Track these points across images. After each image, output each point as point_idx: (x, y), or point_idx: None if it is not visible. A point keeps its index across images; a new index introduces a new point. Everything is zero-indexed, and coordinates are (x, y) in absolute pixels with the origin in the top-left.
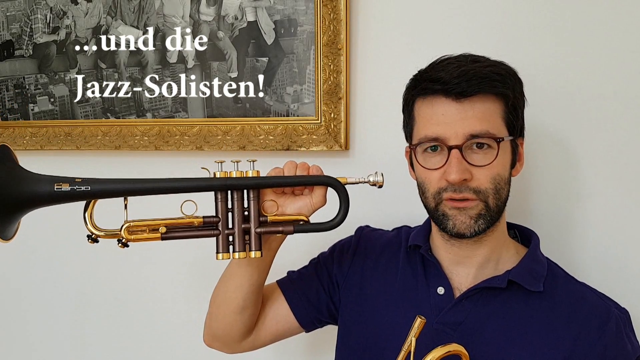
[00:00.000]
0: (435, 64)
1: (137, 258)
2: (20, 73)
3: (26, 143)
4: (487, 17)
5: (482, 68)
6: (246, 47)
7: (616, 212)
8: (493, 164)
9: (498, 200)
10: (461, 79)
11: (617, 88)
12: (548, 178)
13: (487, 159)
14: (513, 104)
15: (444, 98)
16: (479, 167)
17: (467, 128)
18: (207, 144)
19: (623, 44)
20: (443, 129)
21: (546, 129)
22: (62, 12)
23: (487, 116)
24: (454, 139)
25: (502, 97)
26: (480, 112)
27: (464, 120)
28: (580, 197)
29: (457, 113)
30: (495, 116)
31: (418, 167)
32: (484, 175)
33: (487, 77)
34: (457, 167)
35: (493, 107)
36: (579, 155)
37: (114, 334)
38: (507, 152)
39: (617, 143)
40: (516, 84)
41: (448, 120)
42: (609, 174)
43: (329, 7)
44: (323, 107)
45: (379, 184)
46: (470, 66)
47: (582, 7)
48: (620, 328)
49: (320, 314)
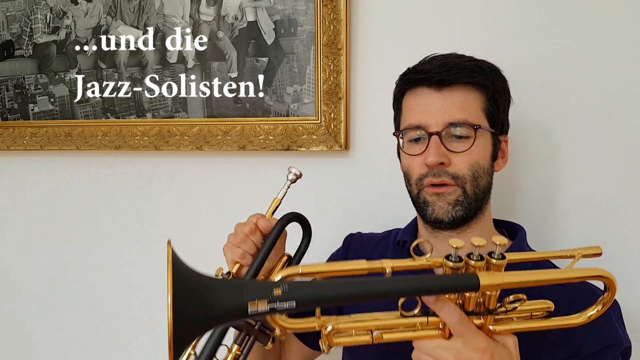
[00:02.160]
0: (422, 60)
1: (138, 258)
2: (20, 73)
3: (26, 143)
4: (487, 17)
5: (464, 61)
6: (246, 47)
7: (602, 207)
8: (470, 151)
9: (476, 187)
10: (442, 69)
11: (604, 85)
12: (535, 174)
13: (465, 145)
14: (493, 96)
15: (426, 88)
16: (457, 153)
17: (447, 116)
18: (207, 144)
19: (608, 42)
20: (425, 117)
21: (533, 125)
22: (62, 12)
23: (466, 105)
24: (434, 126)
25: (481, 87)
26: (460, 101)
27: (444, 109)
28: (566, 192)
29: (438, 102)
30: (474, 106)
31: (403, 155)
32: (461, 162)
33: (467, 68)
34: (435, 150)
35: (472, 97)
36: (565, 152)
37: (114, 334)
38: (487, 143)
39: (604, 139)
40: (497, 79)
41: (430, 109)
42: (595, 169)
43: (329, 7)
44: (323, 107)
45: (297, 176)
46: (452, 60)
47: (571, 6)
48: (609, 311)
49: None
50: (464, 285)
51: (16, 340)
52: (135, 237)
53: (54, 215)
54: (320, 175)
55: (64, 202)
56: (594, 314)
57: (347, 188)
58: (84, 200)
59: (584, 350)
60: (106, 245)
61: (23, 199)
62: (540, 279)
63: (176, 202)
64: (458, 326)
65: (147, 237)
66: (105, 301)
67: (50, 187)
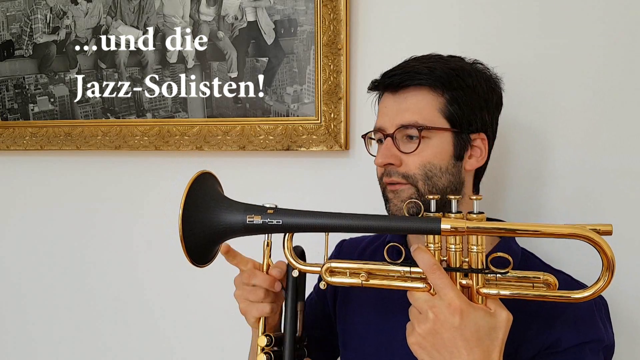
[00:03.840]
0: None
1: (138, 258)
2: (20, 73)
3: (26, 143)
4: (487, 17)
5: (421, 64)
6: (246, 47)
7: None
8: (420, 151)
9: (431, 186)
10: (397, 72)
11: (604, 84)
12: (521, 171)
13: (413, 147)
14: (454, 97)
15: (387, 92)
16: (407, 153)
17: (398, 119)
18: (207, 144)
19: (608, 42)
20: (383, 120)
21: (532, 125)
22: (62, 12)
23: (418, 108)
24: (390, 128)
25: (436, 89)
26: (412, 104)
27: (398, 112)
28: (561, 191)
29: (394, 105)
30: (428, 108)
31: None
32: (412, 162)
33: (421, 72)
34: (383, 152)
35: (427, 99)
36: (563, 151)
37: (114, 335)
38: (445, 142)
39: (603, 139)
40: (458, 79)
41: (388, 112)
42: (594, 169)
43: (329, 7)
44: (323, 107)
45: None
46: (412, 63)
47: (570, 5)
48: (593, 306)
49: (334, 347)
50: (426, 227)
51: (16, 340)
52: (135, 237)
53: (53, 215)
54: (320, 175)
55: (64, 202)
56: (600, 288)
57: (347, 188)
58: (84, 200)
59: (563, 343)
60: (106, 245)
61: (23, 199)
62: (507, 227)
63: (176, 202)
64: (430, 274)
65: (147, 237)
66: (105, 301)
67: (50, 187)
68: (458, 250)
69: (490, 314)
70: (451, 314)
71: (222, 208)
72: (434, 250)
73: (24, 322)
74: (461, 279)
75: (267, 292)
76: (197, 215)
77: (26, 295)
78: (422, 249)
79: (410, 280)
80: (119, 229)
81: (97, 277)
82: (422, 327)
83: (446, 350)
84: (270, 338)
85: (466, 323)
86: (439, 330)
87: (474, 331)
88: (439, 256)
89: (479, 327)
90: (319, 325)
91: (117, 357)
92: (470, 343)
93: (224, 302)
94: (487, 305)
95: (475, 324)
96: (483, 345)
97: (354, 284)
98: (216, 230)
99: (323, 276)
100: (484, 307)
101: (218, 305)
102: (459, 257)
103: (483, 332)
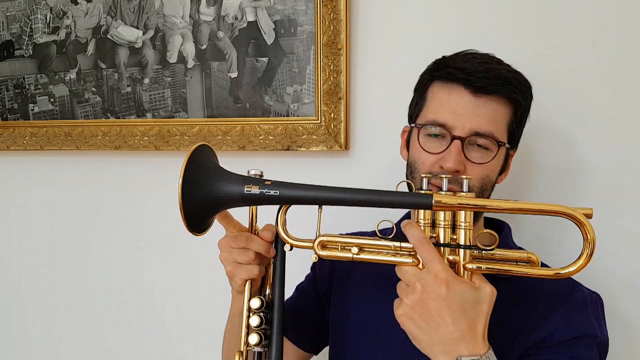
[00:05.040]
0: (460, 54)
1: (138, 258)
2: (20, 73)
3: (26, 143)
4: (486, 17)
5: (506, 72)
6: (246, 47)
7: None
8: (487, 165)
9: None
10: (484, 75)
11: (603, 84)
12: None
13: (484, 158)
14: (522, 114)
15: (463, 88)
16: (474, 163)
17: (475, 124)
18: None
19: (608, 42)
20: (453, 117)
21: (531, 125)
22: (62, 12)
23: (496, 119)
24: (460, 130)
25: (515, 104)
26: (491, 113)
27: (474, 116)
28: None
29: (471, 107)
30: (502, 121)
31: (416, 146)
32: (475, 173)
33: (509, 81)
34: (456, 156)
35: (504, 111)
36: (566, 151)
37: (114, 335)
38: (501, 158)
39: (607, 138)
40: (529, 97)
41: (460, 110)
42: (596, 169)
43: (329, 7)
44: (323, 107)
45: (259, 174)
46: (495, 66)
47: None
48: (587, 303)
49: (321, 334)
50: (418, 201)
51: (16, 340)
52: (136, 237)
53: (53, 215)
54: (320, 175)
55: (63, 202)
56: (583, 263)
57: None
58: (84, 200)
59: (556, 337)
60: (106, 245)
61: (23, 199)
62: (498, 206)
63: (176, 202)
64: (419, 247)
65: (147, 237)
66: (105, 301)
67: (50, 187)
68: (447, 227)
69: (475, 288)
70: (438, 285)
71: (221, 178)
72: (424, 226)
73: (24, 322)
74: (448, 255)
75: (256, 254)
76: (196, 184)
77: (26, 295)
78: (412, 224)
79: (400, 255)
80: (119, 229)
81: (97, 277)
82: (410, 298)
83: (432, 321)
84: (262, 301)
85: (452, 294)
86: (425, 300)
87: (459, 303)
88: (428, 232)
89: (465, 299)
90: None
91: (117, 357)
92: (455, 313)
93: (225, 302)
94: (472, 280)
95: (461, 296)
96: (468, 317)
97: (345, 258)
98: (215, 198)
99: (315, 250)
100: (469, 282)
101: (218, 305)
102: (447, 234)
103: (468, 305)
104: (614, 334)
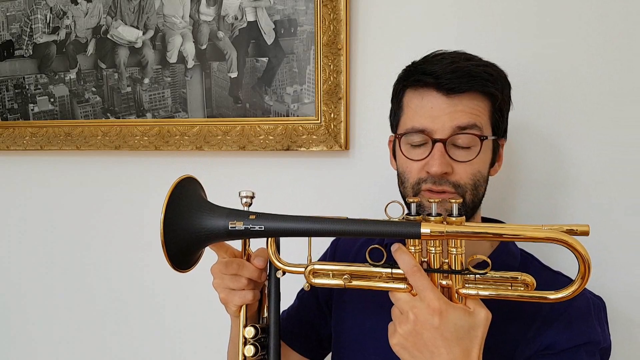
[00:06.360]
0: (429, 58)
1: (138, 258)
2: (20, 73)
3: (26, 143)
4: (485, 17)
5: (475, 67)
6: (246, 47)
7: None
8: (474, 161)
9: (475, 196)
10: (453, 75)
11: (603, 84)
12: (531, 175)
13: (469, 155)
14: (500, 105)
15: (434, 92)
16: (460, 162)
17: (455, 121)
18: (207, 144)
19: (607, 42)
20: (430, 121)
21: (531, 125)
22: (62, 12)
23: (475, 112)
24: (440, 132)
25: (490, 96)
26: (469, 107)
27: (451, 114)
28: (565, 192)
29: (446, 107)
30: (482, 114)
31: (400, 156)
32: (464, 171)
33: (479, 75)
34: (440, 160)
35: (481, 104)
36: (565, 151)
37: (114, 335)
38: (489, 151)
39: (605, 139)
40: (505, 87)
41: (436, 113)
42: (596, 169)
43: (329, 7)
44: (323, 107)
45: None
46: (463, 63)
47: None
48: (590, 308)
49: (323, 342)
50: (406, 231)
51: (16, 340)
52: (135, 237)
53: (53, 215)
54: (320, 175)
55: (63, 202)
56: (577, 288)
57: (347, 188)
58: (83, 200)
59: (558, 345)
60: (106, 245)
61: (23, 199)
62: (486, 232)
63: None
64: (411, 276)
65: (147, 237)
66: (105, 301)
67: (50, 187)
68: (438, 252)
69: (469, 313)
70: (431, 315)
71: (204, 213)
72: (415, 252)
73: (24, 322)
74: (441, 280)
75: (249, 280)
76: (179, 221)
77: (26, 295)
78: (403, 249)
79: (392, 281)
80: (119, 230)
81: (97, 277)
82: (403, 328)
83: (427, 350)
84: (256, 329)
85: (445, 323)
86: (419, 330)
87: (453, 331)
88: (419, 257)
89: (458, 327)
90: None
91: (117, 357)
92: (450, 342)
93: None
94: (467, 304)
95: (455, 324)
96: (462, 344)
97: (337, 286)
98: (198, 235)
99: (307, 278)
100: (464, 307)
101: (217, 307)
102: (439, 259)
103: (462, 332)
104: (616, 339)
